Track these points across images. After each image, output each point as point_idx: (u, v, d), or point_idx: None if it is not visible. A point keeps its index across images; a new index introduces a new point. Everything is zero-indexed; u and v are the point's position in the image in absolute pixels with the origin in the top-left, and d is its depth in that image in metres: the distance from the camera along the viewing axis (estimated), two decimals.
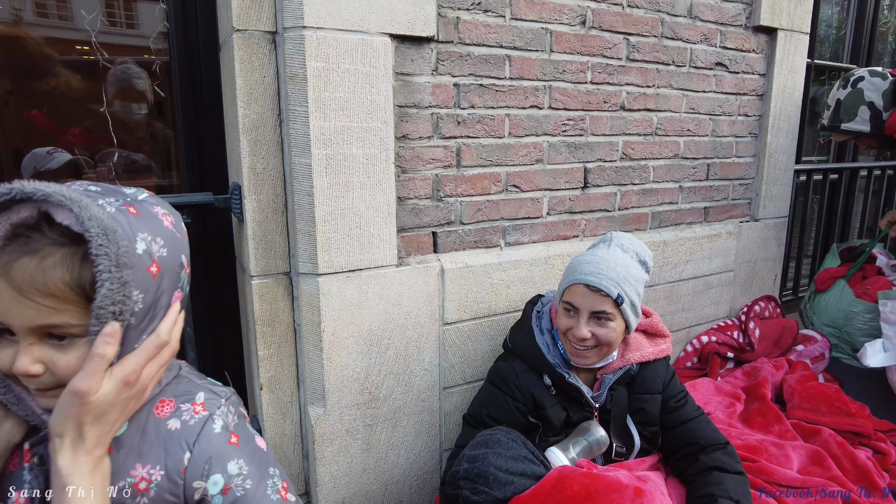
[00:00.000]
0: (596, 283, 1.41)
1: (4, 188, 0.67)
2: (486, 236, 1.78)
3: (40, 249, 0.69)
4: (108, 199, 0.73)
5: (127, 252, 0.70)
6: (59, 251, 0.69)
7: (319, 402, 1.57)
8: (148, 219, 0.76)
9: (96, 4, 1.65)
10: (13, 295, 0.68)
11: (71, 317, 0.70)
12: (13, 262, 0.68)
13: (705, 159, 2.27)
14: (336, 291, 1.52)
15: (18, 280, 0.68)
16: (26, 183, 0.67)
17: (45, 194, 0.67)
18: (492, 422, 1.52)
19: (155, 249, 0.75)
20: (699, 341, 2.37)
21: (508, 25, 1.68)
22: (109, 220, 0.69)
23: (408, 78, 1.56)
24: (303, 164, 1.44)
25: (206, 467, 0.80)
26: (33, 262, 0.68)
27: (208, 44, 1.64)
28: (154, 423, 0.80)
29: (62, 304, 0.69)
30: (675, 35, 2.05)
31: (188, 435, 0.81)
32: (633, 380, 1.57)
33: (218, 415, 0.84)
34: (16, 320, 0.69)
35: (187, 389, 0.86)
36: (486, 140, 1.71)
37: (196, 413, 0.83)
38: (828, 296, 2.56)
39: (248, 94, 1.41)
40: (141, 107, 1.83)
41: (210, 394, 0.87)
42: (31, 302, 0.68)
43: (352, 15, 1.42)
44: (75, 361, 0.72)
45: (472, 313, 1.76)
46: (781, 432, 1.92)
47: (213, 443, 0.81)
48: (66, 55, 1.72)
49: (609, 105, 1.94)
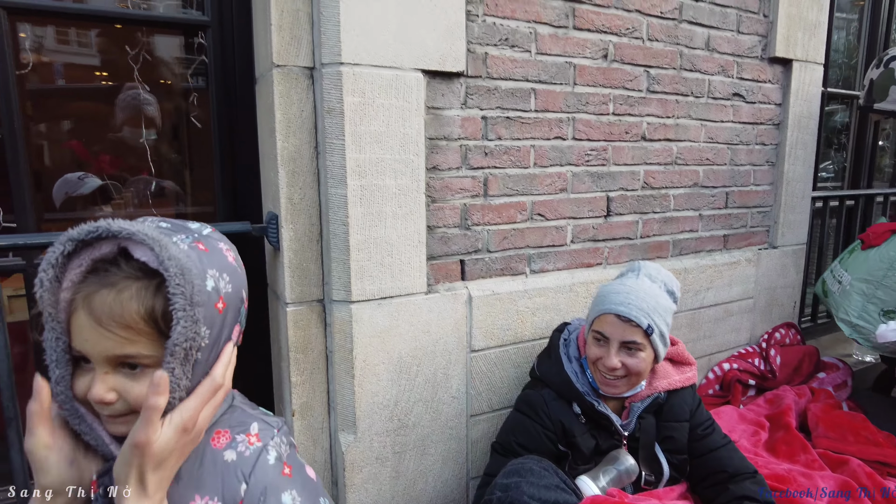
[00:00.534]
0: (626, 312, 1.43)
1: (91, 227, 0.71)
2: (512, 264, 1.81)
3: (117, 283, 0.73)
4: (180, 235, 0.77)
5: (199, 290, 0.74)
6: (134, 284, 0.73)
7: (350, 429, 1.59)
8: (214, 254, 0.79)
9: (143, 42, 1.73)
10: (93, 325, 0.72)
11: (144, 347, 0.74)
12: (93, 294, 0.72)
13: (724, 188, 2.30)
14: (368, 318, 1.55)
15: (98, 311, 0.72)
16: (112, 222, 0.72)
17: (129, 233, 0.71)
18: (521, 450, 1.53)
19: (221, 286, 0.78)
20: (720, 368, 2.37)
21: (534, 60, 1.73)
22: (185, 260, 0.73)
23: (438, 111, 1.60)
24: (338, 194, 1.48)
25: (261, 498, 0.81)
26: (111, 295, 0.72)
27: (245, 77, 1.70)
28: (211, 454, 0.82)
29: (136, 335, 0.73)
30: (693, 67, 2.10)
31: (244, 466, 0.82)
32: (661, 408, 1.58)
33: (272, 445, 0.86)
34: (94, 349, 0.73)
35: (242, 420, 0.87)
36: (512, 170, 1.75)
37: (251, 444, 0.84)
38: (878, 249, 2.33)
39: (287, 128, 1.46)
40: (151, 131, 1.87)
41: (263, 424, 0.88)
42: (108, 332, 0.72)
43: (387, 52, 1.48)
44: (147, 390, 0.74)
45: (498, 340, 1.78)
46: (808, 462, 1.91)
47: (267, 474, 0.83)
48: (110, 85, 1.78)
49: (630, 135, 1.98)
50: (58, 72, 1.81)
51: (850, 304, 2.32)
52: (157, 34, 1.76)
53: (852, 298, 2.32)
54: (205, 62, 1.74)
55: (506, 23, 1.67)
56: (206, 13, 1.65)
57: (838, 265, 2.47)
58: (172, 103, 1.85)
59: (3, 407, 1.37)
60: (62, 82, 1.82)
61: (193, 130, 1.82)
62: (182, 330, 0.72)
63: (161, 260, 0.71)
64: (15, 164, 1.51)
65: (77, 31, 1.80)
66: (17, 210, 1.53)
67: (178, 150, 1.88)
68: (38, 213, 1.70)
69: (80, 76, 1.85)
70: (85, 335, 0.72)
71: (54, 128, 1.82)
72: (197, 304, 0.73)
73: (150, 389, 0.71)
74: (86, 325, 0.72)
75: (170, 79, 1.81)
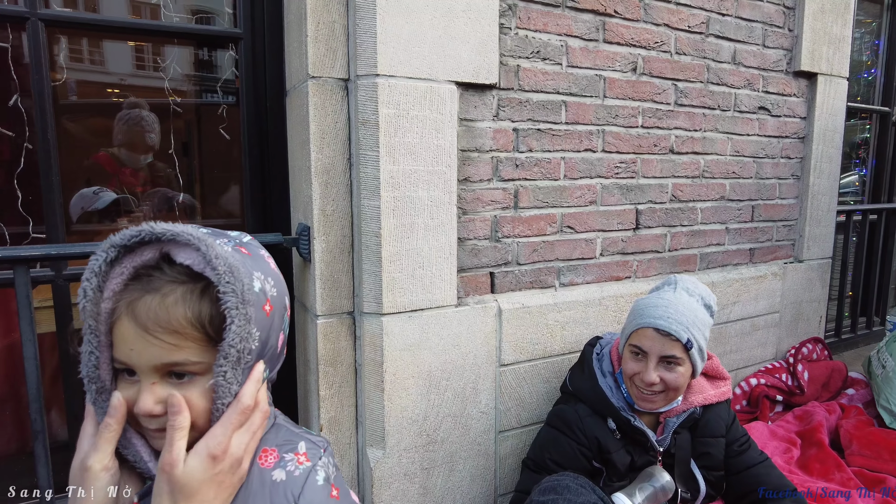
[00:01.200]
0: (666, 326, 1.40)
1: (134, 231, 0.69)
2: (542, 277, 1.79)
3: (161, 287, 0.70)
4: (222, 239, 0.75)
5: (249, 289, 0.71)
6: (179, 288, 0.71)
7: (379, 445, 1.56)
8: (257, 259, 0.77)
9: (174, 54, 1.73)
10: (139, 333, 0.69)
11: (192, 353, 0.71)
12: (136, 300, 0.70)
13: (750, 201, 2.28)
14: (398, 331, 1.53)
15: (143, 318, 0.69)
16: (154, 225, 0.69)
17: (173, 234, 0.69)
18: (555, 466, 1.50)
19: (268, 289, 0.76)
20: (748, 384, 2.33)
21: (565, 73, 1.73)
22: (233, 258, 0.71)
23: (470, 123, 1.60)
24: (372, 206, 1.47)
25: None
26: (156, 300, 0.69)
27: (275, 90, 1.70)
28: (258, 473, 0.78)
29: (184, 340, 0.70)
30: (720, 80, 2.10)
31: (293, 487, 0.78)
32: (697, 423, 1.54)
33: (320, 466, 0.82)
34: (140, 359, 0.70)
35: (288, 438, 0.84)
36: (542, 182, 1.74)
37: (300, 464, 0.80)
38: None
39: (321, 139, 1.46)
40: (147, 157, 1.86)
41: (310, 444, 0.85)
42: (155, 339, 0.69)
43: (421, 63, 1.47)
44: (197, 399, 0.72)
45: (528, 354, 1.75)
46: (843, 480, 1.86)
47: (316, 495, 0.79)
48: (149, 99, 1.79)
49: (659, 148, 1.97)
50: (87, 85, 1.82)
51: (893, 391, 2.26)
52: (188, 46, 1.77)
53: (894, 385, 2.25)
54: (234, 74, 1.75)
55: (538, 36, 1.67)
56: (238, 26, 1.66)
57: (884, 348, 2.42)
58: (201, 115, 1.86)
59: (31, 420, 1.36)
60: (92, 95, 1.83)
61: (222, 142, 1.82)
62: (236, 329, 0.69)
63: (209, 259, 0.68)
64: (47, 175, 1.51)
65: (109, 43, 1.81)
66: (47, 220, 1.53)
67: (207, 162, 1.88)
68: (68, 224, 1.70)
69: (105, 87, 1.86)
70: (130, 344, 0.69)
71: (84, 140, 1.82)
72: (248, 302, 0.70)
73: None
74: (131, 333, 0.69)
75: (199, 91, 1.82)
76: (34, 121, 1.48)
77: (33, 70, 1.46)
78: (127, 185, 1.93)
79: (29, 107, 1.52)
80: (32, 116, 1.49)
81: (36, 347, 1.33)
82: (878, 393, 2.30)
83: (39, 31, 1.45)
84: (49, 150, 1.49)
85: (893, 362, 2.30)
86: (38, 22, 1.44)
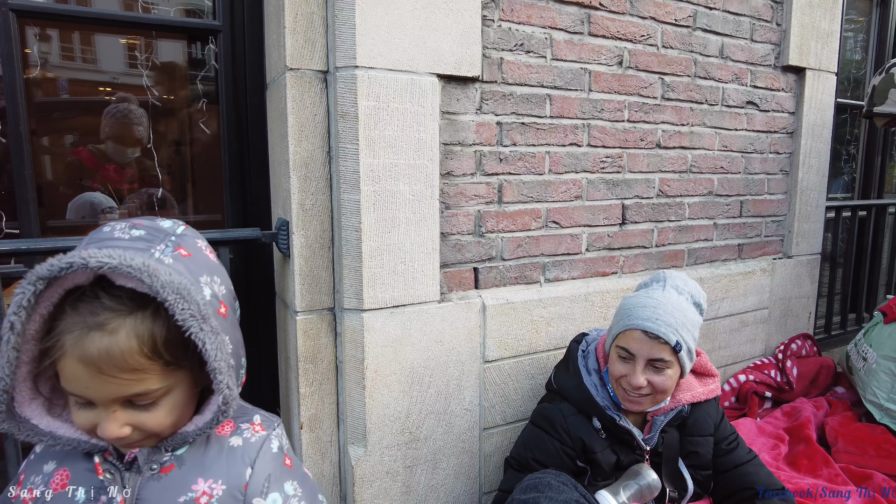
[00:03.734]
0: (654, 329, 1.36)
1: (64, 262, 0.64)
2: (527, 272, 1.77)
3: (106, 323, 0.66)
4: (159, 246, 0.71)
5: (204, 303, 0.70)
6: (127, 321, 0.67)
7: (360, 442, 1.54)
8: (198, 257, 0.75)
9: (154, 48, 1.70)
10: (92, 373, 0.66)
11: (153, 382, 0.70)
12: (82, 339, 0.66)
13: (738, 196, 2.27)
14: (380, 327, 1.50)
15: (95, 359, 0.66)
16: (87, 255, 0.64)
17: (111, 267, 0.64)
18: (537, 466, 1.47)
19: (216, 290, 0.75)
20: (736, 380, 2.31)
21: (549, 66, 1.71)
22: (179, 279, 0.68)
23: (453, 117, 1.58)
24: (351, 200, 1.44)
25: (265, 485, 0.81)
26: (105, 339, 0.66)
27: (255, 83, 1.67)
28: (216, 440, 0.82)
29: (142, 374, 0.69)
30: (707, 75, 2.08)
31: (249, 452, 0.82)
32: (685, 421, 1.52)
33: (274, 436, 0.87)
34: (97, 394, 0.68)
35: (244, 411, 0.88)
36: (526, 177, 1.72)
37: (256, 432, 0.85)
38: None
39: (300, 132, 1.43)
40: (135, 151, 1.82)
41: (264, 417, 0.89)
42: (112, 378, 0.67)
43: (402, 55, 1.45)
44: (164, 417, 0.72)
45: (512, 351, 1.73)
46: (831, 476, 1.85)
47: (272, 462, 0.83)
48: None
49: (645, 143, 1.95)
50: (62, 85, 1.78)
51: (879, 384, 2.19)
52: (166, 40, 1.74)
53: (880, 378, 2.19)
54: (214, 68, 1.72)
55: (521, 28, 1.64)
56: (217, 19, 1.63)
57: (862, 339, 2.37)
58: (181, 110, 1.83)
59: None
60: (66, 91, 1.80)
61: (202, 137, 1.79)
62: (210, 345, 0.69)
63: (155, 290, 0.65)
64: (20, 169, 1.47)
65: (84, 35, 1.77)
66: (21, 216, 1.49)
67: (186, 157, 1.85)
68: (43, 219, 1.67)
69: (85, 84, 1.83)
70: (84, 383, 0.67)
71: (61, 135, 1.78)
72: (207, 317, 0.69)
73: None
74: (83, 373, 0.66)
75: (178, 85, 1.79)
76: (6, 114, 1.45)
77: (4, 62, 1.42)
78: (110, 182, 1.90)
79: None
80: (5, 110, 1.46)
81: None
82: (864, 388, 2.25)
83: (11, 22, 1.41)
84: (21, 143, 1.46)
85: (874, 354, 2.23)
86: (10, 12, 1.41)
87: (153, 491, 0.76)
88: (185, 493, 0.77)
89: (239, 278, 1.68)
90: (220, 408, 0.74)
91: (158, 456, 0.77)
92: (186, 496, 0.77)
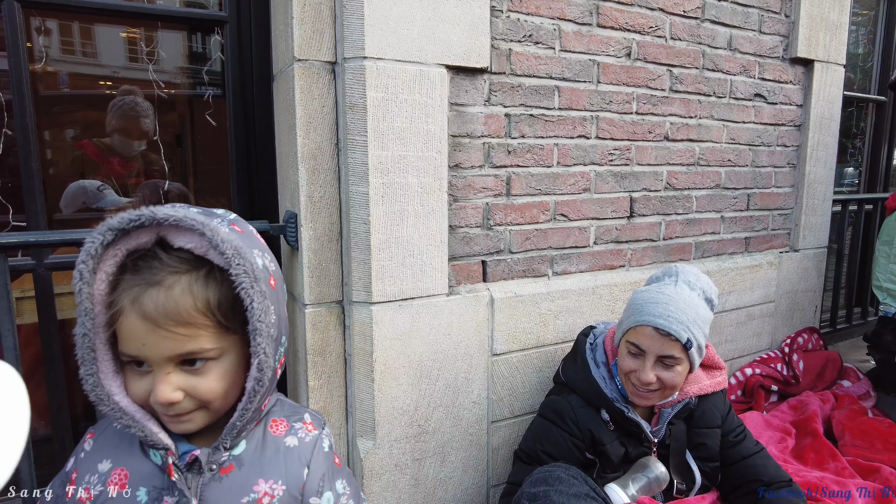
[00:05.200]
0: (666, 326, 1.35)
1: (133, 215, 0.66)
2: (535, 265, 1.76)
3: (163, 280, 0.69)
4: (216, 220, 0.73)
5: (257, 267, 0.72)
6: (182, 278, 0.70)
7: (369, 435, 1.54)
8: (251, 236, 0.77)
9: (160, 39, 1.69)
10: (149, 328, 0.68)
11: (206, 341, 0.71)
12: (141, 295, 0.68)
13: (745, 189, 2.26)
14: (389, 320, 1.50)
15: (152, 313, 0.67)
16: (155, 209, 0.67)
17: (176, 219, 0.67)
18: (547, 458, 1.47)
19: (268, 264, 0.77)
20: (743, 374, 2.31)
21: (558, 57, 1.70)
22: (237, 239, 0.70)
23: (461, 108, 1.56)
24: (360, 192, 1.43)
25: (320, 483, 0.83)
26: (162, 293, 0.68)
27: (262, 74, 1.66)
28: (272, 440, 0.83)
29: (197, 329, 0.70)
30: (715, 67, 2.07)
31: (304, 452, 0.83)
32: (692, 413, 1.52)
33: (325, 435, 0.88)
34: (153, 352, 0.69)
35: (294, 410, 0.89)
36: (535, 169, 1.71)
37: (308, 432, 0.86)
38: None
39: (308, 124, 1.42)
40: (142, 144, 1.81)
41: (313, 415, 0.90)
42: (167, 332, 0.68)
43: (410, 46, 1.44)
44: (215, 382, 0.73)
45: (520, 344, 1.73)
46: (838, 469, 1.85)
47: (324, 461, 0.85)
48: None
49: (654, 135, 1.94)
50: (62, 79, 1.77)
51: (878, 268, 2.41)
52: (172, 31, 1.73)
53: (879, 263, 2.40)
54: (220, 59, 1.71)
55: (530, 19, 1.63)
56: (224, 9, 1.62)
57: (878, 240, 2.51)
58: (187, 102, 1.82)
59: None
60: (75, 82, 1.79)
61: (209, 129, 1.78)
62: (257, 306, 0.69)
63: (215, 243, 0.67)
64: (27, 161, 1.46)
65: (89, 29, 1.76)
66: (28, 209, 1.49)
67: (194, 150, 1.84)
68: (50, 213, 1.66)
69: (89, 77, 1.82)
70: (142, 339, 0.68)
71: (65, 127, 1.78)
72: (259, 279, 0.70)
73: None
74: (140, 329, 0.68)
75: (185, 77, 1.78)
76: (12, 106, 1.44)
77: (10, 53, 1.41)
78: (114, 175, 1.89)
79: (7, 92, 1.47)
80: (11, 102, 1.45)
81: (15, 338, 1.29)
82: (873, 276, 2.44)
83: (16, 13, 1.40)
84: (28, 136, 1.45)
85: (878, 243, 2.43)
86: (14, 2, 1.40)
87: (216, 492, 0.76)
88: (248, 494, 0.77)
89: None
90: (255, 376, 0.73)
91: (217, 456, 0.77)
92: (249, 497, 0.77)
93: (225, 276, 0.69)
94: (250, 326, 0.70)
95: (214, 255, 0.68)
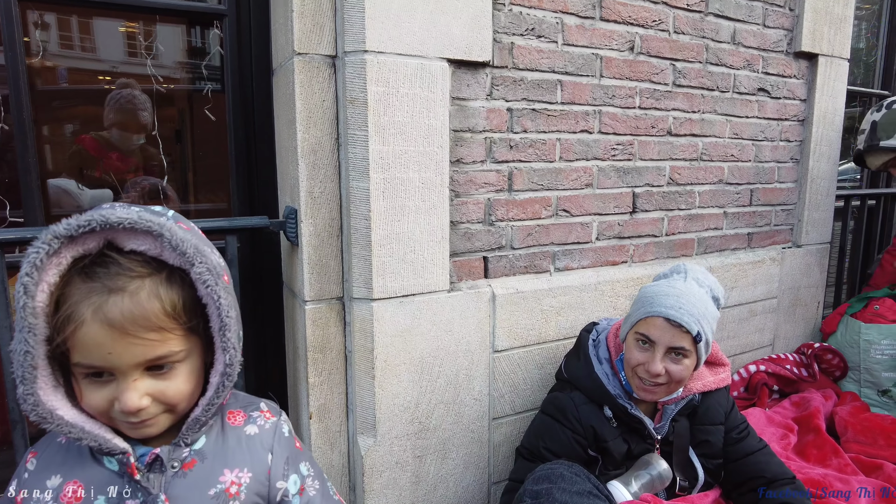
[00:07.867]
0: (677, 317, 1.34)
1: (82, 220, 0.63)
2: (537, 261, 1.75)
3: (126, 285, 0.67)
4: (163, 218, 0.71)
5: (217, 264, 0.72)
6: (146, 282, 0.68)
7: (370, 432, 1.53)
8: (197, 232, 0.76)
9: (158, 33, 1.67)
10: (116, 336, 0.66)
11: (174, 344, 0.70)
12: (103, 304, 0.66)
13: (748, 185, 2.24)
14: (389, 317, 1.49)
15: (118, 321, 0.66)
16: (103, 212, 0.65)
17: (131, 222, 0.65)
18: (549, 455, 1.47)
19: (220, 259, 0.77)
20: (747, 371, 2.30)
21: (560, 51, 1.68)
22: (192, 238, 0.70)
23: (463, 102, 1.55)
24: (361, 188, 1.42)
25: (285, 467, 0.84)
26: (126, 300, 0.66)
27: (261, 69, 1.64)
28: (232, 431, 0.84)
29: (167, 334, 0.69)
30: (719, 61, 2.05)
31: (266, 438, 0.85)
32: (696, 410, 1.51)
33: (283, 420, 0.90)
34: (120, 360, 0.67)
35: (249, 401, 0.90)
36: (537, 164, 1.70)
37: (267, 419, 0.87)
38: (836, 336, 2.43)
39: (308, 118, 1.41)
40: (140, 138, 1.79)
41: (268, 404, 0.91)
42: (137, 339, 0.67)
43: (412, 39, 1.42)
44: (183, 384, 0.73)
45: (522, 340, 1.72)
46: (840, 466, 1.84)
47: (287, 445, 0.87)
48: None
49: (657, 130, 1.92)
50: (61, 74, 1.75)
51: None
52: (172, 25, 1.71)
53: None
54: (220, 53, 1.69)
55: (532, 12, 1.61)
56: (223, 3, 1.60)
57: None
58: (186, 96, 1.80)
59: (9, 410, 1.32)
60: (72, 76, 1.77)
61: (208, 124, 1.76)
62: (224, 302, 0.70)
63: (174, 244, 0.66)
64: (24, 156, 1.45)
65: (87, 23, 1.74)
66: (25, 204, 1.47)
67: (192, 145, 1.82)
68: (48, 208, 1.65)
69: (88, 72, 1.80)
70: (107, 348, 0.66)
71: (63, 122, 1.76)
72: (219, 275, 0.71)
73: None
74: (105, 337, 0.66)
75: (184, 71, 1.76)
76: (9, 101, 1.42)
77: (6, 48, 1.40)
78: (113, 170, 1.87)
79: (4, 87, 1.46)
80: (8, 97, 1.43)
81: (12, 334, 1.28)
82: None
83: (12, 6, 1.38)
84: (25, 131, 1.43)
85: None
86: None
87: (182, 488, 0.76)
88: (215, 486, 0.78)
89: (246, 267, 1.66)
90: (225, 370, 0.73)
91: (178, 453, 0.77)
92: (216, 488, 0.77)
93: (184, 276, 0.69)
94: (219, 323, 0.71)
95: (171, 255, 0.67)
